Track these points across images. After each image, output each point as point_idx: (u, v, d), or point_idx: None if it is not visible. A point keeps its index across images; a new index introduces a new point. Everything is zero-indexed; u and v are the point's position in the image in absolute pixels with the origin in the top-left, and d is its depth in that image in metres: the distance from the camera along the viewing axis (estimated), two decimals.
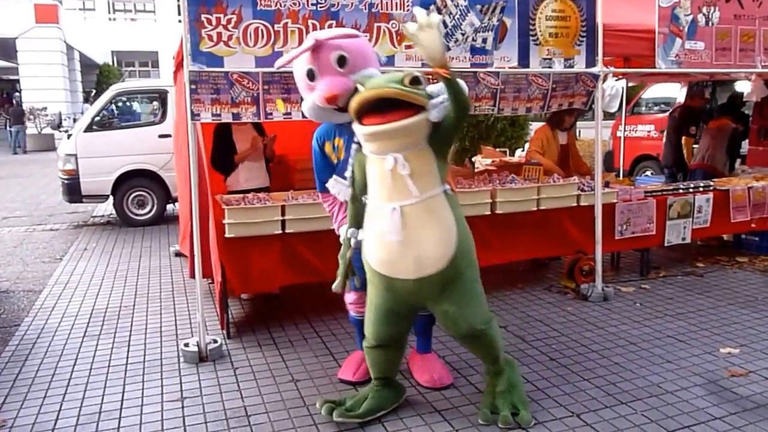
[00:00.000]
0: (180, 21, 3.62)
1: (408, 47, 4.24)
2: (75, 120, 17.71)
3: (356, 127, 2.86)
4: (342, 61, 3.00)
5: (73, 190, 8.42)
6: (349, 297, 3.50)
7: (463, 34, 4.35)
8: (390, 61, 4.22)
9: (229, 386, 3.59)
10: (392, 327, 3.07)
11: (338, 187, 3.21)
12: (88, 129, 8.46)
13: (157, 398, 3.45)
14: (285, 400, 3.42)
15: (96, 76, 29.62)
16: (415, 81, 2.78)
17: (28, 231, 8.43)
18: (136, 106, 10.57)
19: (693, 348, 4.06)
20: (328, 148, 3.26)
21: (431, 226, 2.80)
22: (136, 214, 8.62)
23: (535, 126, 13.57)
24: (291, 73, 3.94)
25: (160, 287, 5.60)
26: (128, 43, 31.23)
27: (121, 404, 3.38)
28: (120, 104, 9.69)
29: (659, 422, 3.15)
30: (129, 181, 8.48)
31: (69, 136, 8.67)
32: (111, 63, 31.63)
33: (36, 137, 21.88)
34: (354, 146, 3.04)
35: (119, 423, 3.18)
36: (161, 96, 8.79)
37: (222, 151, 4.89)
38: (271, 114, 3.88)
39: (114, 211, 8.90)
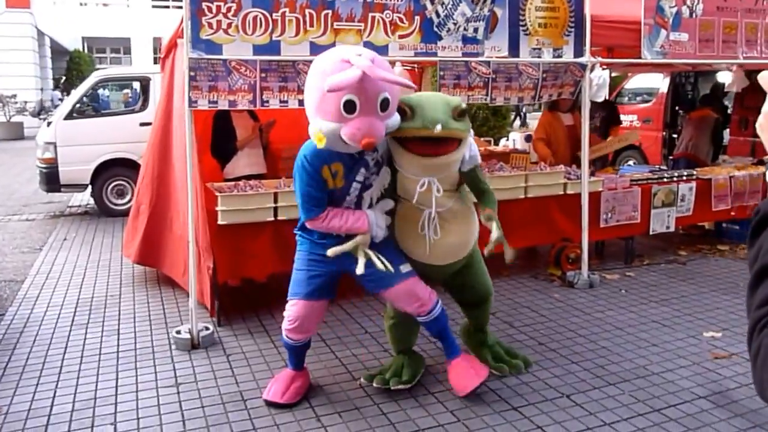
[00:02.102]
0: (154, 7, 3.59)
1: (402, 36, 4.26)
2: (56, 107, 17.39)
3: (404, 154, 2.96)
4: (385, 104, 2.79)
5: (51, 179, 8.25)
6: (290, 316, 3.22)
7: (455, 24, 4.38)
8: (383, 50, 4.24)
9: (223, 372, 3.61)
10: None
11: (380, 221, 3.09)
12: (69, 117, 8.29)
13: (152, 384, 3.45)
14: None
15: (66, 63, 28.96)
16: (462, 114, 2.97)
17: (3, 221, 8.27)
18: (117, 93, 10.44)
19: (677, 332, 4.16)
20: (326, 172, 2.95)
21: (458, 225, 3.19)
22: (116, 204, 8.48)
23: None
24: (288, 62, 3.97)
25: (145, 276, 5.56)
26: (99, 29, 30.27)
27: (116, 390, 3.38)
28: (101, 91, 9.54)
29: (646, 402, 3.24)
30: (109, 170, 8.36)
31: (48, 124, 8.53)
32: (82, 49, 30.94)
33: (5, 125, 21.35)
34: (385, 169, 3.08)
35: (116, 408, 3.18)
36: (143, 83, 8.68)
37: (222, 138, 4.90)
38: (267, 102, 3.88)
39: (92, 201, 8.77)
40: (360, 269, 2.99)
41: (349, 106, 2.70)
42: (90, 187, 8.41)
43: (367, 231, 3.03)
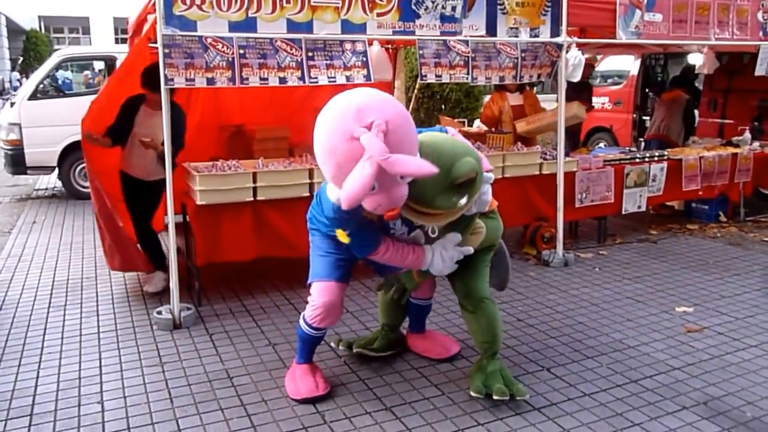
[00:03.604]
0: None
1: (380, 15, 4.26)
2: (15, 89, 16.89)
3: (413, 214, 2.65)
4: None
5: (17, 162, 8.06)
6: (320, 303, 2.98)
7: (433, 2, 4.39)
8: (361, 28, 4.23)
9: (207, 351, 3.61)
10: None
11: (444, 259, 2.90)
12: (33, 97, 8.09)
13: (136, 363, 3.44)
14: (265, 362, 3.47)
15: (23, 43, 28.00)
16: (466, 183, 2.57)
17: None
18: (83, 72, 10.20)
19: (651, 308, 4.28)
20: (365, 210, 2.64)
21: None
22: (84, 187, 8.28)
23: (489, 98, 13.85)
24: (266, 39, 3.93)
25: None
26: (56, 8, 29.00)
27: (100, 370, 3.36)
28: (61, 72, 9.29)
29: (623, 373, 3.34)
30: (76, 152, 8.15)
31: (12, 105, 8.31)
32: (39, 29, 29.88)
33: None
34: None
35: (101, 387, 3.17)
36: (109, 63, 8.50)
37: (120, 125, 4.40)
38: (247, 79, 3.84)
39: (59, 184, 8.59)
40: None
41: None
42: (57, 169, 8.23)
43: (424, 268, 2.90)
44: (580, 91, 7.42)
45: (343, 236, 2.71)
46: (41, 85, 8.21)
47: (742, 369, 3.38)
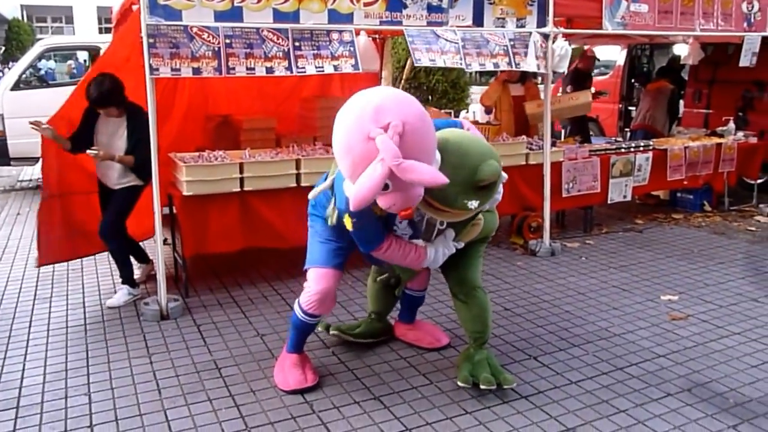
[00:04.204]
0: None
1: (366, 5, 4.24)
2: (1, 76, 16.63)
3: (431, 209, 2.67)
4: None
5: (0, 153, 7.99)
6: (316, 289, 2.96)
7: None
8: (348, 18, 4.21)
9: (195, 342, 3.60)
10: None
11: (440, 256, 2.92)
12: (15, 87, 8.00)
13: (124, 355, 3.43)
14: (253, 353, 3.47)
15: (5, 33, 27.62)
16: (487, 186, 2.59)
17: None
18: (66, 62, 10.10)
19: (636, 296, 4.32)
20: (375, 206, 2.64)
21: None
22: None
23: (475, 89, 13.86)
24: (252, 29, 3.90)
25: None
26: None
27: (87, 361, 3.35)
28: (44, 62, 9.19)
29: (609, 361, 3.38)
30: None
31: None
32: (21, 18, 29.46)
33: None
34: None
35: (88, 379, 3.15)
36: (92, 53, 8.41)
37: (81, 131, 4.18)
38: (233, 69, 3.81)
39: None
40: None
41: (383, 187, 2.36)
42: (41, 160, 8.13)
43: (420, 268, 2.97)
44: (582, 81, 7.51)
45: (349, 222, 2.71)
46: (24, 75, 8.12)
47: (726, 356, 3.43)
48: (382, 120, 2.27)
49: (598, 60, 8.60)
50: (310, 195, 2.94)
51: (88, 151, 4.03)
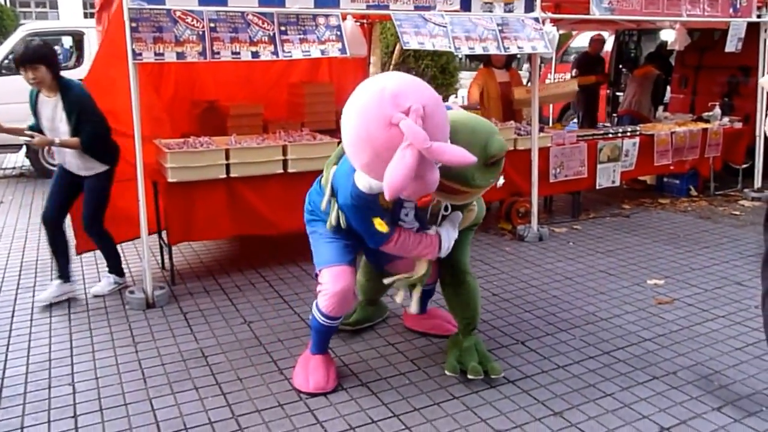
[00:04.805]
0: None
1: None
2: None
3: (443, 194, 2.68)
4: None
5: None
6: (334, 290, 2.83)
7: None
8: (335, 2, 4.17)
9: (181, 330, 3.58)
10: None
11: (450, 239, 2.91)
12: None
13: (108, 344, 3.39)
14: (240, 340, 3.44)
15: None
16: (496, 162, 2.62)
17: None
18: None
19: (623, 281, 4.34)
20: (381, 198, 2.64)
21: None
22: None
23: (465, 75, 13.83)
24: (237, 13, 3.84)
25: None
26: None
27: (71, 351, 3.31)
28: None
29: (596, 345, 3.39)
30: None
31: None
32: (3, 2, 28.96)
33: None
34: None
35: (73, 369, 3.12)
36: (76, 38, 8.29)
37: (36, 120, 4.03)
38: (218, 53, 3.75)
39: (27, 162, 8.39)
40: (399, 299, 3.14)
41: None
42: (25, 147, 8.04)
43: (435, 256, 2.88)
44: (591, 66, 7.51)
45: (381, 225, 2.63)
46: (6, 61, 7.98)
47: (711, 339, 3.46)
48: (402, 104, 2.21)
49: (604, 42, 8.62)
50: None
51: (21, 139, 3.84)
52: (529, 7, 4.88)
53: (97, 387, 2.96)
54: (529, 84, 6.29)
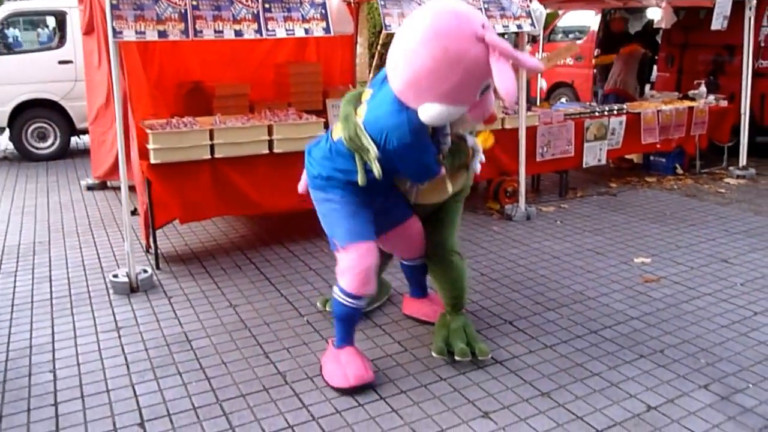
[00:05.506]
0: None
1: None
2: None
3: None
4: None
5: None
6: (359, 266, 2.70)
7: None
8: None
9: (165, 314, 3.53)
10: None
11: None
12: None
13: (91, 330, 3.34)
14: (225, 324, 3.41)
15: None
16: None
17: None
18: (31, 29, 9.72)
19: (610, 259, 4.34)
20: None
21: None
22: (38, 148, 8.03)
23: None
24: None
25: (75, 222, 5.33)
26: None
27: (53, 337, 3.25)
28: (12, 27, 8.86)
29: (583, 324, 3.39)
30: (27, 111, 7.86)
31: None
32: None
33: None
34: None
35: (54, 355, 3.06)
36: (59, 18, 8.11)
37: None
38: (201, 32, 3.66)
39: (10, 145, 8.26)
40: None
41: (485, 89, 2.45)
42: (8, 130, 7.90)
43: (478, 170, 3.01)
44: (615, 44, 7.51)
45: (490, 138, 2.88)
46: None
47: (697, 317, 3.46)
48: (478, 21, 2.33)
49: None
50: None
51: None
52: None
53: (78, 374, 2.91)
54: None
